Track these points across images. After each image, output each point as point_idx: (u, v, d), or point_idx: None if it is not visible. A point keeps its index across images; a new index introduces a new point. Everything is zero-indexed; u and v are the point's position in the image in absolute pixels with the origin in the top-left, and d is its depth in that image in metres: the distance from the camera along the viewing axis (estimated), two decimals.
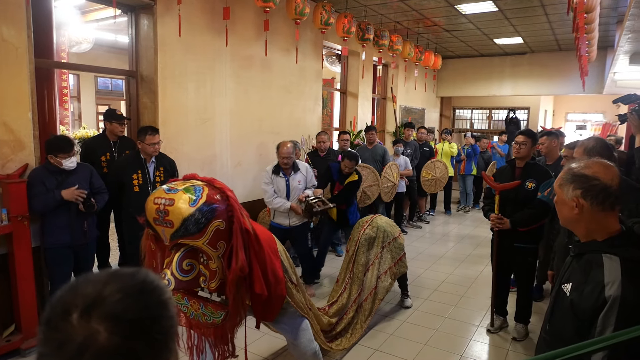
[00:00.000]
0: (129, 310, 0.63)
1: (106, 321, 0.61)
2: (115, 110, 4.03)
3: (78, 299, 0.63)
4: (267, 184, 4.09)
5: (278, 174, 4.09)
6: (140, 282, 0.68)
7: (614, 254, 1.27)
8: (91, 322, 0.61)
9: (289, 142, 4.09)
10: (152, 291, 0.68)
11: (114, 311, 0.62)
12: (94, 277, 0.67)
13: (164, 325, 0.67)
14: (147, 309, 0.66)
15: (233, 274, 1.82)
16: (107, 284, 0.65)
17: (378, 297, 3.55)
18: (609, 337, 1.11)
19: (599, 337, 1.16)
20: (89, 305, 0.62)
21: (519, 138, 3.36)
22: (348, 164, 4.47)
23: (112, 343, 0.61)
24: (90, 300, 0.62)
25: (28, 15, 3.18)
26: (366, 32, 6.28)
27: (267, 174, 4.10)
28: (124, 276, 0.68)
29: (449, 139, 8.10)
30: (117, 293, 0.64)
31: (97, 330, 0.60)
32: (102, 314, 0.61)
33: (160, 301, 0.68)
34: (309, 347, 2.55)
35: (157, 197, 1.81)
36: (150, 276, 0.70)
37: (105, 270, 0.69)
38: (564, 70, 9.36)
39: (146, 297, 0.66)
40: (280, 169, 4.09)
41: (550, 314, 1.45)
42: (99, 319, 0.61)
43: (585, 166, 1.34)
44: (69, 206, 3.18)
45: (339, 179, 4.59)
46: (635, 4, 3.92)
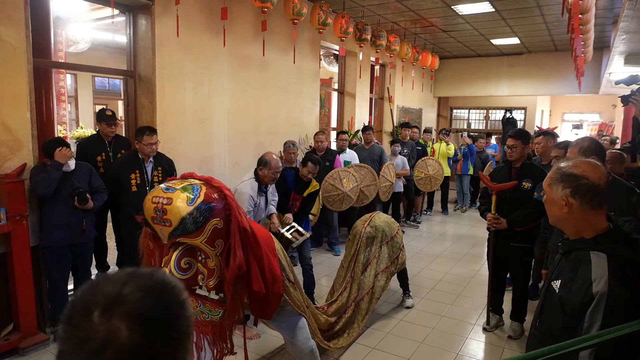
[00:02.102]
0: (149, 309, 0.65)
1: (127, 319, 0.63)
2: (106, 110, 3.96)
3: (99, 298, 0.64)
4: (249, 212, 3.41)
5: (261, 193, 3.51)
6: (159, 282, 0.69)
7: (601, 251, 1.29)
8: (112, 320, 0.62)
9: (275, 155, 3.55)
10: (171, 291, 0.69)
11: (135, 309, 0.64)
12: (113, 276, 0.68)
13: (181, 325, 0.68)
14: (167, 309, 0.67)
15: (231, 272, 1.84)
16: (126, 283, 0.66)
17: (375, 296, 3.57)
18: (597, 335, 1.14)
19: (586, 335, 1.19)
20: (110, 304, 0.63)
21: (508, 142, 3.38)
22: (312, 169, 3.93)
23: (133, 341, 0.62)
24: (111, 299, 0.64)
25: (26, 15, 3.19)
26: (363, 33, 6.30)
27: (252, 199, 3.41)
28: (143, 276, 0.69)
29: (446, 140, 8.13)
30: (138, 292, 0.65)
31: (119, 327, 0.62)
32: (123, 312, 0.63)
33: (178, 301, 0.69)
34: (306, 345, 2.57)
35: (155, 196, 1.83)
36: (167, 277, 0.72)
37: (123, 270, 0.70)
38: (560, 70, 9.41)
39: (166, 297, 0.68)
40: (262, 187, 3.52)
41: (540, 311, 1.48)
42: (120, 317, 0.62)
43: (574, 165, 1.37)
44: (68, 204, 3.20)
45: (295, 187, 4.09)
46: (629, 5, 3.96)
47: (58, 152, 3.13)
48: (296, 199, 4.08)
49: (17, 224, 3.04)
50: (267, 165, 3.43)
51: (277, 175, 3.50)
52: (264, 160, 3.45)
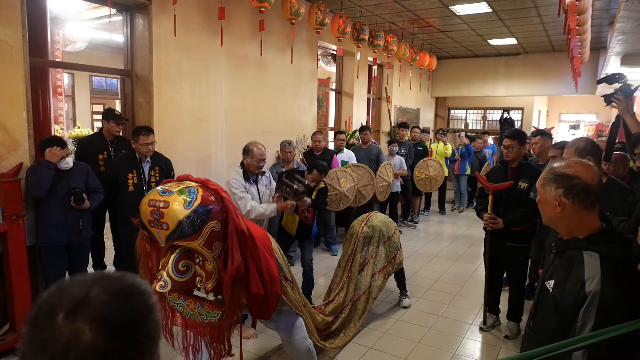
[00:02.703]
0: (115, 312, 0.64)
1: (92, 322, 0.62)
2: (114, 110, 4.04)
3: (64, 299, 0.64)
4: (244, 192, 3.42)
5: (249, 181, 3.50)
6: (127, 285, 0.69)
7: (594, 251, 1.30)
8: (76, 322, 0.62)
9: (258, 142, 3.53)
10: (139, 295, 0.69)
11: (100, 312, 0.63)
12: (81, 278, 0.67)
13: (149, 329, 0.68)
14: (134, 312, 0.67)
15: (229, 274, 1.84)
16: (93, 285, 0.66)
17: (372, 296, 3.58)
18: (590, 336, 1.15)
19: (580, 336, 1.19)
20: (75, 306, 0.63)
21: (505, 142, 3.40)
22: (317, 176, 3.85)
23: (97, 344, 0.61)
24: (76, 301, 0.63)
25: (23, 15, 3.18)
26: (361, 33, 6.31)
27: (238, 182, 3.41)
28: (111, 279, 0.68)
29: (444, 140, 8.15)
30: (104, 295, 0.65)
31: (83, 330, 0.61)
32: (88, 315, 0.62)
33: (146, 305, 0.69)
34: (303, 345, 2.58)
35: (151, 199, 1.82)
36: (137, 280, 0.71)
37: (92, 273, 0.70)
38: (557, 71, 9.44)
39: (133, 300, 0.67)
40: (249, 175, 3.51)
41: (534, 310, 1.49)
42: (84, 319, 0.62)
43: (567, 166, 1.38)
44: (64, 204, 3.19)
45: None
46: (626, 6, 3.98)
47: (48, 151, 3.12)
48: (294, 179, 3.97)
49: (13, 224, 3.03)
50: (249, 153, 3.44)
51: (260, 163, 3.48)
52: (247, 148, 3.47)
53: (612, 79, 2.68)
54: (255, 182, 3.56)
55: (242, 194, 3.40)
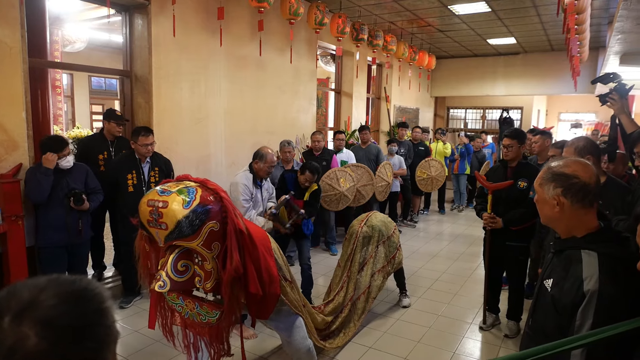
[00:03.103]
0: (62, 316, 0.63)
1: (37, 326, 0.61)
2: (115, 110, 4.05)
3: (13, 303, 0.63)
4: (248, 202, 3.45)
5: (256, 186, 3.56)
6: (79, 289, 0.67)
7: (592, 250, 1.30)
8: (22, 326, 0.61)
9: (270, 149, 3.60)
10: (90, 299, 0.67)
11: (46, 316, 0.62)
12: (33, 281, 0.66)
13: (98, 334, 0.66)
14: (82, 317, 0.65)
15: (228, 274, 1.84)
16: (44, 289, 0.65)
17: (371, 295, 3.58)
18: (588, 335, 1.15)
19: (578, 335, 1.20)
20: (21, 309, 0.62)
21: (504, 141, 3.40)
22: (309, 178, 3.86)
23: (41, 348, 0.60)
24: (23, 305, 0.62)
25: (22, 15, 3.18)
26: (360, 32, 6.31)
27: (247, 188, 3.43)
28: (63, 282, 0.67)
29: (443, 139, 8.16)
30: (53, 298, 0.64)
31: (27, 334, 0.60)
32: (34, 319, 0.61)
33: (97, 309, 0.67)
34: (302, 344, 2.58)
35: (150, 199, 1.82)
36: (92, 284, 0.70)
37: (47, 276, 0.68)
38: (556, 70, 9.45)
39: (83, 304, 0.66)
40: (257, 180, 3.57)
41: (533, 310, 1.49)
42: (30, 323, 0.61)
43: (565, 165, 1.38)
44: (64, 205, 3.19)
45: (296, 191, 3.98)
46: (624, 5, 3.98)
47: (44, 157, 3.11)
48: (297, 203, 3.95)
49: (12, 225, 3.03)
50: (262, 158, 3.49)
51: (271, 169, 3.55)
52: (260, 153, 3.51)
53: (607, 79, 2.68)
54: (260, 187, 3.61)
55: (246, 203, 3.44)
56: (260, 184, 3.61)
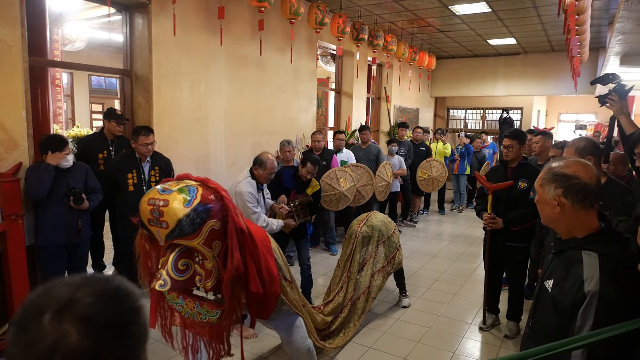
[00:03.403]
0: (101, 314, 0.64)
1: (78, 323, 0.62)
2: (116, 109, 4.05)
3: (51, 301, 0.64)
4: (257, 207, 3.43)
5: (258, 191, 3.54)
6: (114, 287, 0.69)
7: (592, 251, 1.30)
8: (63, 323, 0.62)
9: (271, 155, 3.56)
10: (125, 297, 0.69)
11: (85, 314, 0.63)
12: (68, 280, 0.67)
13: (134, 332, 0.68)
14: (119, 315, 0.67)
15: (229, 273, 1.83)
16: (80, 287, 0.66)
17: (371, 295, 3.58)
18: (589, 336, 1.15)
19: (579, 335, 1.19)
20: (61, 307, 0.63)
21: (505, 142, 3.40)
22: (311, 169, 3.84)
23: (82, 345, 0.61)
24: (62, 303, 0.63)
25: (22, 14, 3.17)
26: (360, 32, 6.31)
27: (252, 195, 3.41)
28: (98, 281, 0.69)
29: (443, 139, 8.16)
30: (90, 296, 0.65)
31: (69, 331, 0.61)
32: (74, 316, 0.62)
33: (132, 308, 0.69)
34: (303, 344, 2.58)
35: (151, 197, 1.81)
36: (124, 283, 0.71)
37: (80, 274, 0.69)
38: (556, 70, 9.45)
39: (119, 303, 0.68)
40: (259, 185, 3.56)
41: (533, 310, 1.49)
42: (70, 320, 0.62)
43: (565, 165, 1.38)
44: (63, 204, 3.19)
45: (296, 186, 3.96)
46: (625, 6, 3.98)
47: (51, 155, 3.11)
48: (297, 198, 3.99)
49: (12, 224, 3.02)
50: (262, 165, 3.45)
51: (271, 176, 3.53)
52: (260, 160, 3.48)
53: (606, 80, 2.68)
54: (262, 190, 3.60)
55: (255, 208, 3.40)
56: (261, 188, 3.60)
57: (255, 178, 3.49)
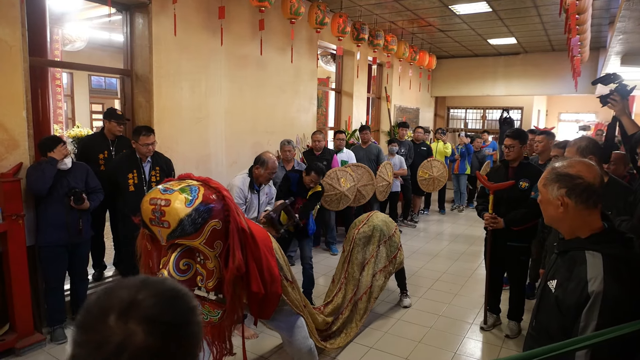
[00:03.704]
0: (164, 314, 0.68)
1: (143, 323, 0.65)
2: (116, 109, 4.04)
3: (114, 302, 0.67)
4: (241, 205, 3.38)
5: (252, 191, 3.52)
6: (171, 289, 0.72)
7: (596, 251, 1.30)
8: (128, 324, 0.65)
9: (272, 155, 3.55)
10: (183, 297, 0.72)
11: (150, 314, 0.66)
12: (127, 282, 0.71)
13: (193, 330, 0.71)
14: (180, 314, 0.70)
15: (230, 273, 1.83)
16: (141, 289, 0.69)
17: (373, 295, 3.57)
18: (593, 336, 1.14)
19: (583, 336, 1.19)
20: (125, 309, 0.66)
21: (506, 141, 3.39)
22: (315, 179, 3.81)
23: (149, 344, 0.64)
24: (126, 304, 0.66)
25: (22, 14, 3.17)
26: (361, 32, 6.30)
27: (241, 192, 3.38)
28: (156, 283, 0.72)
29: (443, 139, 8.15)
30: (152, 298, 0.68)
31: (135, 331, 0.64)
32: (139, 317, 0.65)
33: (190, 307, 0.73)
34: (304, 344, 2.57)
35: (152, 197, 1.81)
36: (178, 284, 0.75)
37: (135, 277, 0.72)
38: (557, 70, 9.44)
39: (178, 303, 0.71)
40: (255, 184, 3.53)
41: (536, 311, 1.49)
42: (136, 321, 0.65)
43: (569, 165, 1.37)
44: (64, 204, 3.18)
45: (299, 191, 3.94)
46: (626, 5, 3.97)
47: (56, 150, 3.11)
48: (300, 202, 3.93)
49: (13, 224, 3.02)
50: (264, 164, 3.45)
51: (272, 176, 3.52)
52: (262, 159, 3.48)
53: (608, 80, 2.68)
54: (257, 192, 3.57)
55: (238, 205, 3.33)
56: (257, 189, 3.57)
57: (254, 177, 3.49)
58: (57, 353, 3.13)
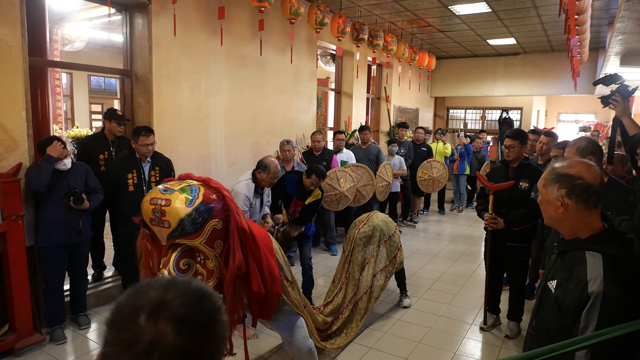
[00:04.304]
0: (192, 313, 0.69)
1: (173, 323, 0.66)
2: (117, 110, 4.04)
3: (144, 302, 0.68)
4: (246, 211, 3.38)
5: (257, 195, 3.50)
6: (198, 289, 0.73)
7: (596, 251, 1.29)
8: (159, 323, 0.65)
9: (275, 159, 3.54)
10: (209, 297, 0.74)
11: (179, 314, 0.67)
12: (154, 283, 0.72)
13: (220, 329, 0.73)
14: (208, 313, 0.71)
15: (230, 273, 1.83)
16: (169, 289, 0.70)
17: (373, 295, 3.57)
18: (593, 336, 1.14)
19: (582, 336, 1.19)
20: (155, 308, 0.67)
21: (506, 142, 3.39)
22: (315, 182, 3.79)
23: (179, 342, 0.65)
24: (155, 304, 0.67)
25: (22, 14, 3.17)
26: (360, 32, 6.31)
27: (247, 199, 3.40)
28: (182, 283, 0.73)
29: (443, 139, 8.16)
30: (180, 297, 0.69)
31: (165, 330, 0.65)
32: (168, 316, 0.66)
33: (215, 307, 0.74)
34: (304, 345, 2.57)
35: (153, 197, 1.82)
36: (203, 284, 0.76)
37: (161, 278, 0.74)
38: (556, 70, 9.45)
39: (206, 302, 0.72)
40: (259, 189, 3.52)
41: (536, 311, 1.49)
42: (165, 320, 0.66)
43: (569, 166, 1.37)
44: (64, 204, 3.18)
45: (297, 193, 3.90)
46: (626, 6, 3.98)
47: (50, 146, 3.10)
48: (298, 205, 3.94)
49: (12, 224, 3.02)
50: (266, 169, 3.45)
51: (274, 180, 3.52)
52: (264, 164, 3.47)
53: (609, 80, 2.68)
54: (260, 195, 3.57)
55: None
56: (260, 192, 3.58)
57: (257, 182, 3.48)
58: (56, 353, 3.13)
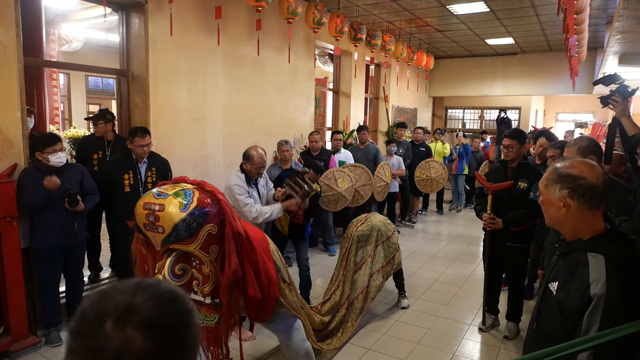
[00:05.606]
0: (162, 317, 0.66)
1: (142, 328, 0.63)
2: (100, 110, 4.01)
3: (110, 307, 0.64)
4: (248, 198, 3.34)
5: (250, 185, 3.47)
6: (168, 291, 0.70)
7: (598, 253, 1.28)
8: (126, 329, 0.62)
9: (259, 147, 3.46)
10: (180, 300, 0.71)
11: (148, 318, 0.64)
12: (122, 286, 0.69)
13: (192, 332, 0.70)
14: (178, 317, 0.69)
15: (226, 278, 1.81)
16: (136, 293, 0.67)
17: (370, 295, 3.56)
18: (595, 337, 1.13)
19: (585, 337, 1.17)
20: (123, 313, 0.64)
21: (505, 141, 3.38)
22: (313, 177, 3.78)
23: (149, 348, 0.63)
24: (123, 308, 0.64)
25: (17, 14, 3.14)
26: (359, 32, 6.29)
27: (242, 188, 3.35)
28: (151, 286, 0.70)
29: (442, 139, 8.14)
30: (149, 301, 0.66)
31: (133, 336, 0.62)
32: (136, 321, 0.63)
33: (187, 309, 0.71)
34: (301, 347, 2.55)
35: (146, 202, 1.79)
36: (174, 287, 0.73)
37: (129, 280, 0.70)
38: (554, 70, 9.45)
39: (176, 305, 0.69)
40: (250, 179, 3.49)
41: (537, 313, 1.47)
42: (134, 326, 0.63)
43: (571, 166, 1.35)
44: (59, 206, 3.15)
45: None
46: (624, 5, 3.97)
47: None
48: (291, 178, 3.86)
49: (7, 226, 2.99)
50: (249, 159, 3.39)
51: (260, 171, 3.44)
52: (247, 154, 3.42)
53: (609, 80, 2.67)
54: (255, 185, 3.54)
55: (246, 199, 3.32)
56: (254, 183, 3.54)
57: (245, 173, 3.45)
58: (52, 356, 3.11)
